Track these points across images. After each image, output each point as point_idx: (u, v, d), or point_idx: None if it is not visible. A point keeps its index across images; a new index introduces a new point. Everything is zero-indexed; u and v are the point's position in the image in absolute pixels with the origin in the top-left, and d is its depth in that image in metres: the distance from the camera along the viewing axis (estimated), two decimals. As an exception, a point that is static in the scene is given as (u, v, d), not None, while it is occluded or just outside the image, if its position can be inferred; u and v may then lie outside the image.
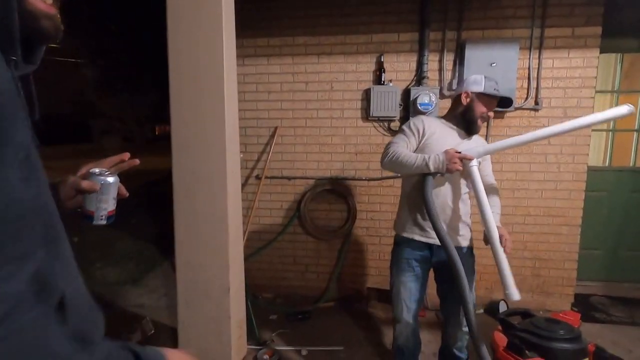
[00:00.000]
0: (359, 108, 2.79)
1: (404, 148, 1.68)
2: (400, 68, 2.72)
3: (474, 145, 1.72)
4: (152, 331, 2.50)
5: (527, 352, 1.58)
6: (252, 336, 2.38)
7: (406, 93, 2.71)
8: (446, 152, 1.54)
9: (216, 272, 1.93)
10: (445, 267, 1.66)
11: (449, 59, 2.67)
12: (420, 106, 2.58)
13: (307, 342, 2.40)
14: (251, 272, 2.96)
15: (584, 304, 2.87)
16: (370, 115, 2.72)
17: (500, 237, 1.64)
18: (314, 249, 2.98)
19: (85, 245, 4.18)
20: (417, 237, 1.73)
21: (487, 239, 1.68)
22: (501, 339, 1.71)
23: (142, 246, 4.12)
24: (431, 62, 2.67)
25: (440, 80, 2.71)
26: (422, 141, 1.70)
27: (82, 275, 0.49)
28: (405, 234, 1.76)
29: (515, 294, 1.63)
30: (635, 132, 3.07)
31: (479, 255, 2.78)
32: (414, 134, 1.71)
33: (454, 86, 2.67)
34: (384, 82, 2.69)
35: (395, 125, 2.75)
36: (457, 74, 2.68)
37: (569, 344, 1.53)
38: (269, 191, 2.95)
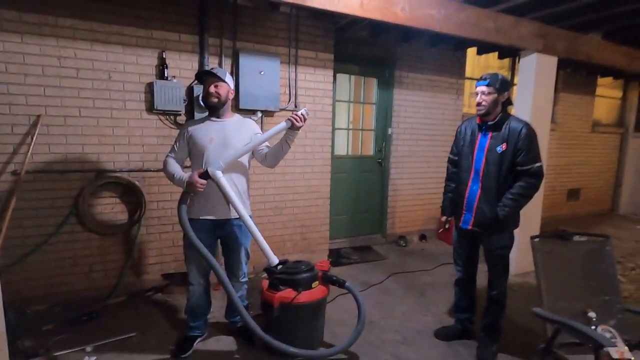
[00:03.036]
0: (143, 100, 2.83)
1: (173, 157, 2.13)
2: (183, 66, 2.93)
3: (238, 127, 2.16)
4: None
5: (281, 287, 2.18)
6: (18, 350, 2.10)
7: (190, 90, 2.95)
8: (188, 183, 1.97)
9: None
10: (222, 238, 2.20)
11: (227, 64, 3.09)
12: (203, 102, 2.88)
13: (95, 339, 2.31)
14: (13, 284, 2.54)
15: (335, 255, 3.95)
16: (155, 108, 2.82)
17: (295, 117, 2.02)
18: (99, 247, 2.83)
19: None
20: (200, 217, 2.11)
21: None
22: (265, 283, 2.26)
23: None
24: (212, 64, 3.02)
25: (221, 81, 3.09)
26: (189, 141, 2.13)
27: None
28: (191, 215, 2.07)
29: (274, 260, 2.17)
30: (360, 131, 4.41)
31: (263, 229, 3.39)
32: (179, 139, 2.16)
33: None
34: (167, 77, 2.84)
35: (181, 119, 2.96)
36: (234, 77, 3.13)
37: (306, 274, 2.20)
38: (34, 188, 2.58)
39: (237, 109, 3.13)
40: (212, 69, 2.12)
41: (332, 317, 2.56)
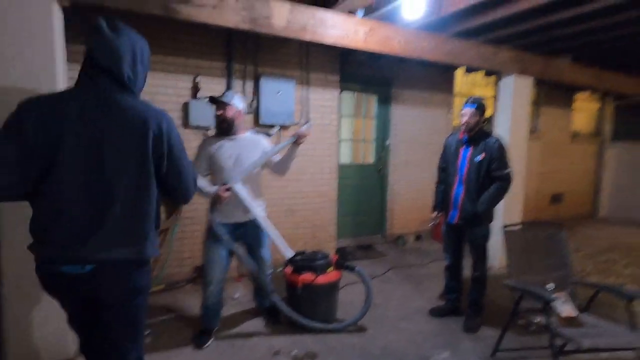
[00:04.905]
0: (180, 117, 3.34)
1: (200, 170, 2.35)
2: (213, 88, 3.44)
3: (250, 143, 2.43)
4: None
5: (303, 271, 2.65)
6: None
7: (219, 108, 3.46)
8: (217, 195, 2.26)
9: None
10: (244, 240, 2.54)
11: (249, 85, 3.61)
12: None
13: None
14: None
15: (342, 252, 4.42)
16: (190, 124, 3.32)
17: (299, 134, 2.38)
18: (142, 242, 3.29)
19: None
20: (223, 220, 2.40)
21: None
22: (289, 269, 2.74)
23: None
24: (237, 86, 3.54)
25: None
26: (210, 157, 2.37)
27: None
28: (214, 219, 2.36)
29: (289, 253, 2.53)
30: (362, 142, 4.93)
31: (277, 229, 3.86)
32: (201, 158, 2.40)
33: (254, 105, 3.64)
34: (200, 97, 3.35)
35: (211, 132, 3.46)
36: (255, 97, 3.64)
37: (322, 260, 2.68)
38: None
39: (257, 124, 3.64)
40: (222, 94, 2.38)
41: (343, 300, 3.01)
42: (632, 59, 4.58)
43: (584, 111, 6.95)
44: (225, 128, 2.39)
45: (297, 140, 2.39)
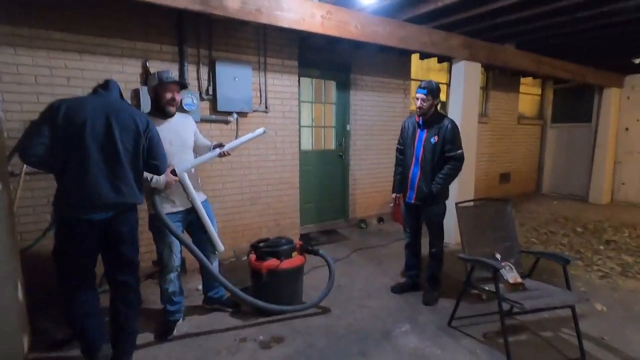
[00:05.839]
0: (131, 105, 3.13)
1: None
2: (165, 73, 3.26)
3: (184, 124, 2.44)
4: None
5: (267, 257, 2.65)
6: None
7: (172, 95, 3.29)
8: (167, 182, 2.22)
9: None
10: (191, 226, 2.49)
11: (204, 71, 3.47)
12: (185, 106, 3.25)
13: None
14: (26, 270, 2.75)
15: (306, 238, 4.46)
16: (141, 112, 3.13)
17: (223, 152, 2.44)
18: (94, 239, 3.10)
19: None
20: (171, 210, 2.35)
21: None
22: (253, 256, 2.73)
23: None
24: (191, 71, 3.38)
25: (199, 87, 3.47)
26: None
27: None
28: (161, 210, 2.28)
29: (220, 247, 2.46)
30: (323, 128, 4.94)
31: (241, 217, 3.81)
32: None
33: (210, 92, 3.51)
34: (151, 84, 3.16)
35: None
36: (211, 83, 3.51)
37: (286, 246, 2.70)
38: (30, 187, 2.81)
39: (215, 111, 3.53)
40: (179, 77, 2.39)
41: (308, 284, 3.06)
42: (568, 46, 4.95)
43: (528, 95, 7.45)
44: (172, 113, 2.37)
45: (220, 156, 2.46)
